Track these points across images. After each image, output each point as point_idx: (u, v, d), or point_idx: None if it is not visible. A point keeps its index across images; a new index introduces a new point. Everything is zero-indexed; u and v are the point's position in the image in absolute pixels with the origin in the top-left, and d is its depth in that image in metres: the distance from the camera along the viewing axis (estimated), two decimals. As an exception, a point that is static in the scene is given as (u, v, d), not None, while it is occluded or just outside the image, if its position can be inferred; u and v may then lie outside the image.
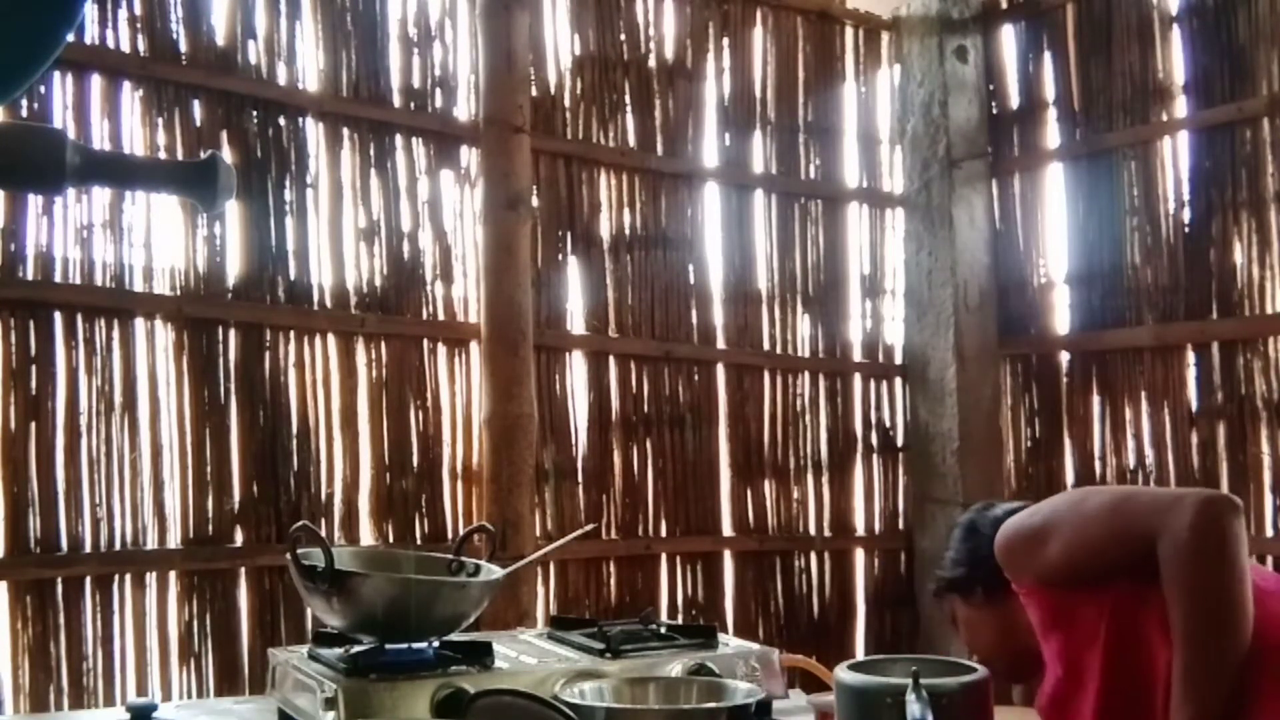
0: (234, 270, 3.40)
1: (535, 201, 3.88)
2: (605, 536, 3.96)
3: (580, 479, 3.96)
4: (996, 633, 1.91)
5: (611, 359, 4.05)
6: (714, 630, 2.06)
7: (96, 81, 3.22)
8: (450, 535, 3.64)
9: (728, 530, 4.26)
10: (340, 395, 3.55)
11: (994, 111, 4.69)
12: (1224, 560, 1.60)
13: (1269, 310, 3.85)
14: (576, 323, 4.00)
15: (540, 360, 3.85)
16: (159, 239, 3.30)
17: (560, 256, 3.98)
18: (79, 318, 3.16)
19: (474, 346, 3.77)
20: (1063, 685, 1.75)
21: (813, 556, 4.43)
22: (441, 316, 3.74)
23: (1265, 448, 3.82)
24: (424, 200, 3.73)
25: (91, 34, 3.22)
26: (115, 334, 3.21)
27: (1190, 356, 4.05)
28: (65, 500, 3.11)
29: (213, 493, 3.32)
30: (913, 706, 1.37)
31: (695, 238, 4.24)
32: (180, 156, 3.25)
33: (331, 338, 3.55)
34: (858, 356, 4.63)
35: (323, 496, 3.49)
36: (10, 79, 1.14)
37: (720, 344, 4.28)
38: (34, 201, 3.10)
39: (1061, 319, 4.48)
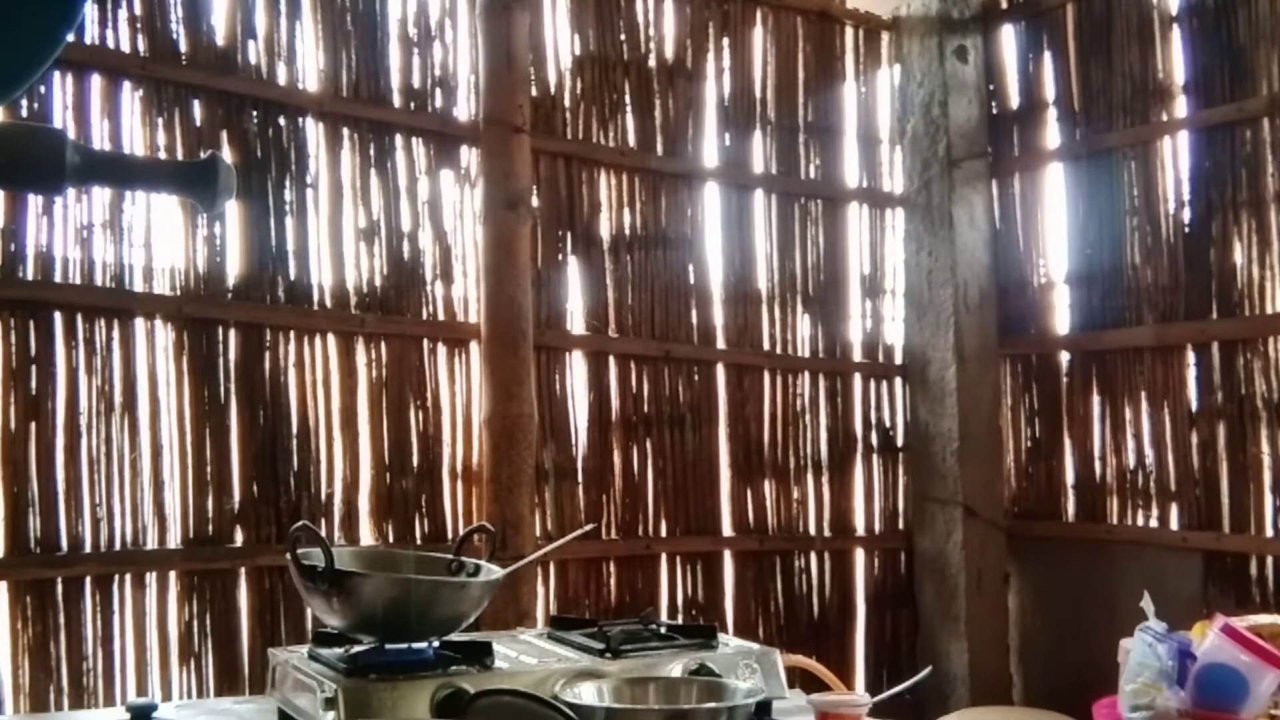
0: (234, 270, 3.40)
1: (535, 201, 3.88)
2: (605, 536, 3.96)
3: (580, 479, 3.96)
4: None
5: (611, 359, 4.05)
6: (714, 630, 2.05)
7: (96, 81, 3.22)
8: (450, 535, 3.64)
9: (728, 530, 4.25)
10: (340, 395, 3.55)
11: (994, 111, 4.69)
12: None
13: (1269, 310, 3.84)
14: (576, 323, 4.00)
15: (540, 360, 3.85)
16: (159, 239, 3.30)
17: (560, 256, 3.98)
18: (79, 318, 3.16)
19: (474, 346, 3.77)
20: None
21: (813, 556, 4.43)
22: (441, 316, 3.74)
23: (1265, 448, 3.82)
24: (424, 200, 3.73)
25: (91, 34, 3.22)
26: (115, 334, 3.21)
27: (1190, 356, 4.04)
28: (65, 500, 3.11)
29: (213, 493, 3.32)
30: None
31: (695, 238, 4.24)
32: (180, 156, 3.25)
33: (331, 338, 3.55)
34: (858, 356, 4.63)
35: (323, 496, 3.49)
36: (10, 79, 1.14)
37: (720, 344, 4.27)
38: (34, 201, 3.10)
39: (1061, 319, 4.48)
